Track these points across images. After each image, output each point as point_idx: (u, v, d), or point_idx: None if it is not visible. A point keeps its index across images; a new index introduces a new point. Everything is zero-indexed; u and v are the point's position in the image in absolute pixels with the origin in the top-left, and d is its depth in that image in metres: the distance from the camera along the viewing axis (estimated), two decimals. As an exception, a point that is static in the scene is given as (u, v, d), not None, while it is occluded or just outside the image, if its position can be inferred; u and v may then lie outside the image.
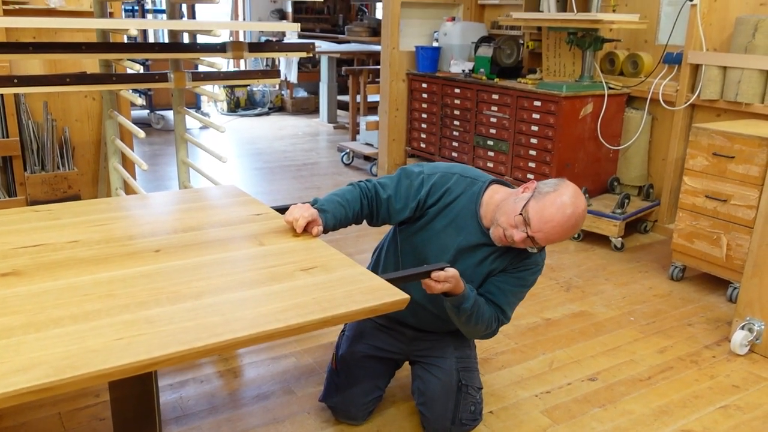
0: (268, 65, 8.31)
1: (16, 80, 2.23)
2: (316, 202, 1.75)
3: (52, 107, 3.31)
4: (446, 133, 4.62)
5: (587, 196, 3.80)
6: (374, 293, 1.33)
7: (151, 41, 7.36)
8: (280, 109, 8.37)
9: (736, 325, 2.59)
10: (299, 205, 1.69)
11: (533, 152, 3.91)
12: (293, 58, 7.55)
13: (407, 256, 1.90)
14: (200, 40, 2.72)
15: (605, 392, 2.29)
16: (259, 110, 8.05)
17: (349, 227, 1.84)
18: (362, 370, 2.03)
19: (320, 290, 1.33)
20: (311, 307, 1.25)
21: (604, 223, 3.63)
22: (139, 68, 2.49)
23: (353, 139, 6.17)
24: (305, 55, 2.80)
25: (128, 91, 2.60)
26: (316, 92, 8.01)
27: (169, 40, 2.79)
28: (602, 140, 3.87)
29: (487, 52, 4.31)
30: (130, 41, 3.14)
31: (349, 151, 5.62)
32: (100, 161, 3.51)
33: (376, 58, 7.02)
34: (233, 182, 3.35)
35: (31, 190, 3.15)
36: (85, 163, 3.50)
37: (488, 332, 1.88)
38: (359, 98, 6.15)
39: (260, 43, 2.76)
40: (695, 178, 3.07)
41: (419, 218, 1.85)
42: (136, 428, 1.51)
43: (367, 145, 5.61)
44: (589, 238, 3.78)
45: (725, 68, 3.42)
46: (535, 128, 3.86)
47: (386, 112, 4.98)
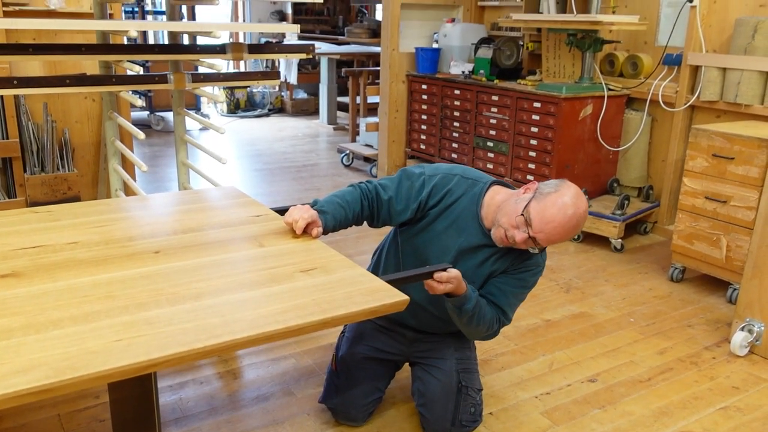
0: (267, 67, 8.32)
1: (16, 81, 2.23)
2: (315, 203, 1.75)
3: (52, 108, 3.31)
4: (446, 134, 4.62)
5: (587, 197, 3.80)
6: (374, 294, 1.33)
7: (150, 43, 7.37)
8: (279, 110, 8.37)
9: (735, 326, 2.59)
10: (299, 206, 1.69)
11: (533, 153, 3.91)
12: (293, 59, 7.56)
13: (408, 257, 1.90)
14: (200, 41, 2.72)
15: (605, 393, 2.29)
16: (258, 111, 8.05)
17: (348, 228, 1.84)
18: (362, 371, 2.03)
19: (320, 292, 1.33)
20: (311, 308, 1.25)
21: (603, 224, 3.63)
22: (138, 70, 2.49)
23: (353, 140, 6.17)
24: (305, 56, 2.81)
25: (128, 92, 2.60)
26: (315, 94, 8.01)
27: (168, 41, 2.79)
28: (602, 141, 3.87)
29: (486, 53, 4.32)
30: (129, 43, 3.14)
31: (348, 152, 5.62)
32: (99, 162, 3.51)
33: (375, 59, 7.03)
34: (233, 183, 3.35)
35: (30, 191, 3.15)
36: (84, 164, 3.50)
37: (489, 333, 1.88)
38: (359, 99, 6.15)
39: (260, 44, 2.76)
40: (695, 179, 3.08)
41: (420, 219, 1.85)
42: (135, 430, 1.51)
43: (366, 146, 5.61)
44: (588, 239, 3.78)
45: (725, 69, 3.42)
46: (534, 129, 3.86)
47: (386, 113, 4.99)
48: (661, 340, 2.69)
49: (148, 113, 6.99)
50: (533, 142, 3.89)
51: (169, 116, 6.81)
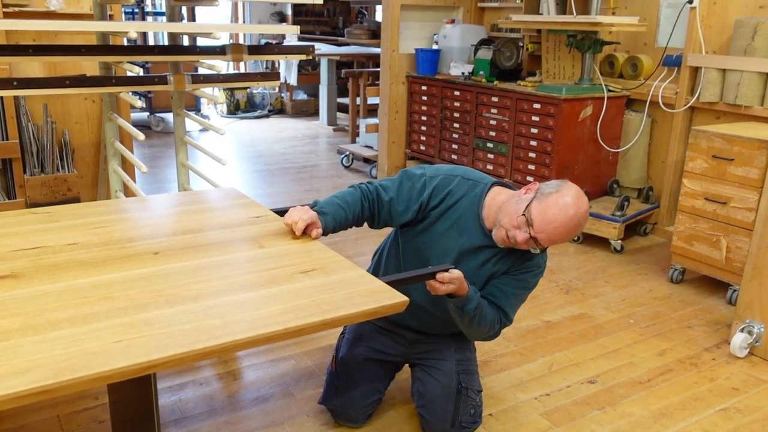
0: (267, 68, 8.32)
1: (15, 83, 2.23)
2: (315, 204, 1.75)
3: (51, 110, 3.31)
4: (446, 135, 4.62)
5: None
6: (373, 296, 1.33)
7: (150, 44, 7.37)
8: (279, 111, 8.37)
9: (735, 327, 2.59)
10: (298, 207, 1.69)
11: (533, 155, 3.91)
12: (293, 60, 7.56)
13: (409, 258, 1.90)
14: (200, 42, 2.73)
15: (605, 395, 2.28)
16: (258, 113, 8.05)
17: (348, 230, 1.84)
18: (362, 372, 2.03)
19: (319, 293, 1.33)
20: (310, 309, 1.25)
21: (603, 225, 3.63)
22: (138, 71, 2.49)
23: (353, 141, 6.17)
24: (305, 57, 2.81)
25: (128, 93, 2.60)
26: (315, 95, 8.01)
27: (168, 42, 2.79)
28: (602, 143, 3.87)
29: (486, 54, 4.32)
30: (129, 44, 3.14)
31: (348, 153, 5.62)
32: (99, 164, 3.51)
33: (375, 60, 7.03)
34: (233, 185, 3.35)
35: (30, 192, 3.16)
36: (84, 165, 3.50)
37: (491, 334, 1.88)
38: (359, 101, 6.16)
39: (260, 45, 2.77)
40: (695, 180, 3.08)
41: (421, 221, 1.85)
42: (135, 431, 1.51)
43: (366, 147, 5.61)
44: (588, 240, 3.78)
45: (724, 71, 3.43)
46: (534, 131, 3.87)
47: (386, 114, 4.99)
48: (660, 341, 2.68)
49: (147, 114, 6.99)
50: (533, 143, 3.89)
51: (168, 117, 6.81)
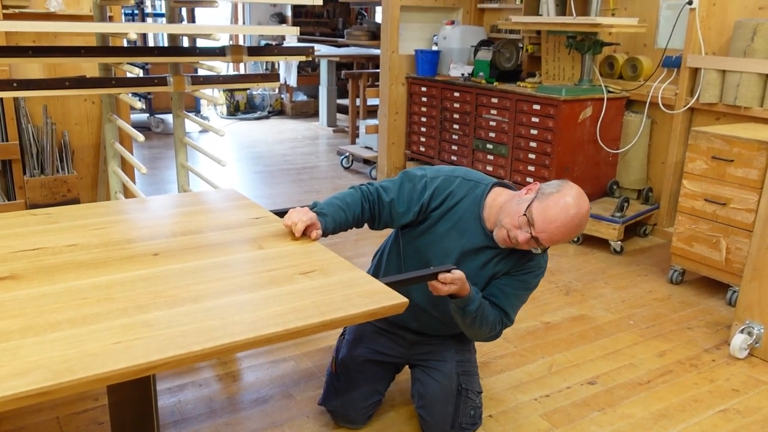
0: (267, 69, 8.32)
1: (15, 84, 2.23)
2: (315, 205, 1.75)
3: (51, 111, 3.31)
4: (446, 136, 4.62)
5: (586, 199, 3.80)
6: (373, 297, 1.33)
7: (150, 45, 7.38)
8: (279, 112, 8.37)
9: (735, 328, 2.58)
10: (298, 208, 1.69)
11: (532, 156, 3.91)
12: (293, 61, 7.56)
13: (410, 259, 1.90)
14: (200, 43, 2.72)
15: (605, 396, 2.28)
16: (258, 114, 8.05)
17: (348, 231, 1.83)
18: (362, 374, 2.03)
19: (319, 294, 1.33)
20: (310, 310, 1.25)
21: (603, 226, 3.63)
22: (138, 72, 2.49)
23: (353, 142, 6.17)
24: (305, 58, 2.81)
25: (128, 94, 2.60)
26: (315, 96, 8.01)
27: (168, 43, 2.79)
28: (601, 144, 3.87)
29: (486, 55, 4.32)
30: (129, 45, 3.14)
31: (348, 154, 5.62)
32: (99, 165, 3.51)
33: (375, 61, 7.02)
34: (232, 186, 3.35)
35: (30, 193, 3.16)
36: (84, 166, 3.50)
37: (492, 334, 1.88)
38: (359, 102, 6.16)
39: (260, 46, 2.77)
40: (694, 181, 3.08)
41: (422, 222, 1.85)
42: (134, 432, 1.51)
43: (366, 148, 5.61)
44: (588, 241, 3.78)
45: (724, 72, 3.43)
46: (534, 132, 3.87)
47: (386, 115, 4.99)
48: (660, 342, 2.68)
49: (147, 115, 6.99)
50: (533, 144, 3.89)
51: (168, 118, 6.81)
